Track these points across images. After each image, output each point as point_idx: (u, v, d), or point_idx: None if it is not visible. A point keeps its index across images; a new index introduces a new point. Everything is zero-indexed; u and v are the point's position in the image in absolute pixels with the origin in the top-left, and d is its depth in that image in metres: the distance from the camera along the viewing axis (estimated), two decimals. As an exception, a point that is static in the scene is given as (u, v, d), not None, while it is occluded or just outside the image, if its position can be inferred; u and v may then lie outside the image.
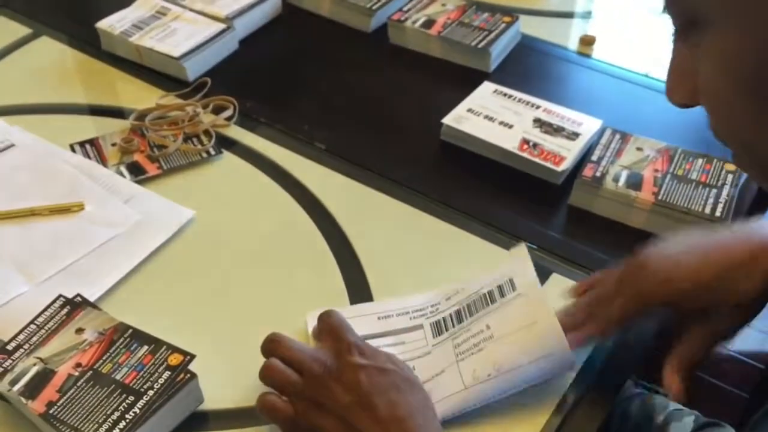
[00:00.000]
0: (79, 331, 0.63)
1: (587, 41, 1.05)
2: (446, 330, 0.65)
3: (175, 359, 0.60)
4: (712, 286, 0.57)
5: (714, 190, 0.77)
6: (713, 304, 0.58)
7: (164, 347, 0.61)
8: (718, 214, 0.75)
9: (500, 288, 0.64)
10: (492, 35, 0.99)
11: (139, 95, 0.95)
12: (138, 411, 0.57)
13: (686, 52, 0.45)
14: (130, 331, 0.63)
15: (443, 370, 0.62)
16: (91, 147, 0.87)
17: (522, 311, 0.62)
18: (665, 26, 0.48)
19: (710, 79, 0.43)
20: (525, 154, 0.83)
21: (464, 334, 0.63)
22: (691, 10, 0.42)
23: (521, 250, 0.66)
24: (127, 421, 0.56)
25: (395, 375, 0.57)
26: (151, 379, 0.59)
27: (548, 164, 0.82)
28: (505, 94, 0.91)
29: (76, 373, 0.59)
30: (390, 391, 0.56)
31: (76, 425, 0.56)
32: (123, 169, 0.84)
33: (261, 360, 0.66)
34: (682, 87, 0.47)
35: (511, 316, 0.62)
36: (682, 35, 0.45)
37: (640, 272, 0.60)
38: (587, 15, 1.11)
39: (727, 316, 0.59)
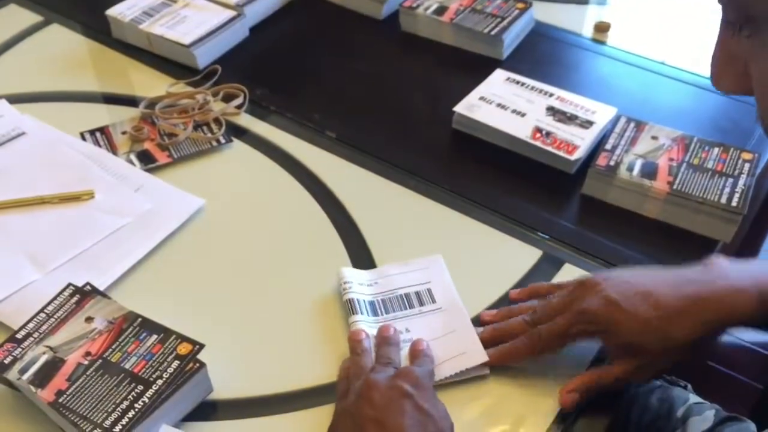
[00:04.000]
0: (89, 319, 0.63)
1: (602, 28, 1.03)
2: (360, 313, 0.66)
3: (184, 348, 0.60)
4: (648, 328, 0.58)
5: (731, 180, 0.76)
6: (645, 342, 0.58)
7: (173, 336, 0.61)
8: (734, 203, 0.73)
9: (418, 295, 0.68)
10: (505, 22, 0.98)
11: (149, 83, 0.94)
12: (147, 400, 0.57)
13: (734, 40, 0.45)
14: (140, 320, 0.63)
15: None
16: (101, 135, 0.86)
17: (442, 322, 0.66)
18: (680, 13, 0.48)
19: (765, 84, 0.43)
20: (538, 143, 0.82)
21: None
22: (751, 8, 0.42)
23: (437, 261, 0.71)
24: (137, 410, 0.56)
25: (431, 423, 0.54)
26: (160, 368, 0.59)
27: (561, 153, 0.81)
28: (517, 82, 0.90)
29: (86, 362, 0.59)
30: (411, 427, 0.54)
31: (85, 414, 0.56)
32: (133, 157, 0.84)
33: (270, 350, 0.66)
34: (730, 74, 0.47)
35: (431, 326, 0.66)
36: (733, 26, 0.45)
37: (591, 291, 0.60)
38: (602, 1, 1.10)
39: (653, 360, 0.60)
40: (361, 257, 0.73)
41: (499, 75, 0.91)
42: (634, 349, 0.59)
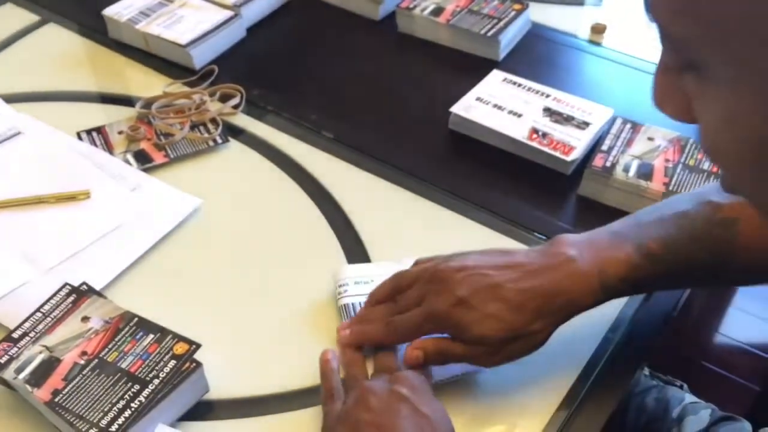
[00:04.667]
0: (85, 319, 0.63)
1: (598, 29, 1.03)
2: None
3: (180, 348, 0.60)
4: (494, 323, 0.58)
5: (726, 181, 0.76)
6: (491, 335, 0.58)
7: (170, 336, 0.61)
8: (729, 204, 0.74)
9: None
10: (501, 23, 0.98)
11: (146, 83, 0.94)
12: (143, 400, 0.57)
13: (678, 74, 0.38)
14: (136, 319, 0.63)
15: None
16: (97, 135, 0.86)
17: None
18: None
19: (710, 129, 0.38)
20: (534, 144, 0.82)
21: None
22: (692, 54, 0.36)
23: None
24: (133, 409, 0.56)
25: (429, 425, 0.54)
26: (156, 367, 0.59)
27: (558, 154, 0.81)
28: (514, 83, 0.90)
29: (82, 362, 0.59)
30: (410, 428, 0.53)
31: (81, 413, 0.56)
32: (130, 157, 0.84)
33: (267, 350, 0.66)
34: (674, 102, 0.40)
35: None
36: (677, 65, 0.38)
37: (441, 289, 0.59)
38: (598, 3, 1.10)
39: (502, 350, 0.59)
40: (358, 257, 0.73)
41: (495, 76, 0.92)
42: (482, 340, 0.59)
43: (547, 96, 0.88)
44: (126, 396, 0.57)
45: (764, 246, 0.58)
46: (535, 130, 0.83)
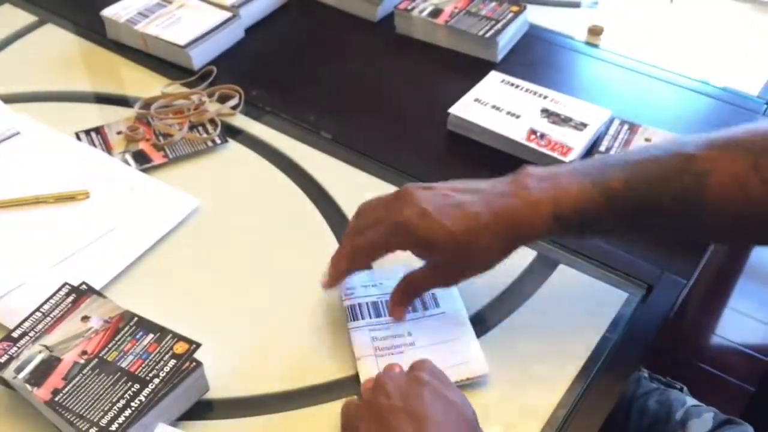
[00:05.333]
0: (85, 318, 0.63)
1: (595, 31, 1.04)
2: (362, 317, 0.66)
3: (180, 347, 0.60)
4: (460, 239, 0.60)
5: (723, 182, 0.76)
6: (452, 252, 0.60)
7: (170, 335, 0.61)
8: (726, 205, 0.74)
9: (422, 298, 0.68)
10: (499, 25, 0.98)
11: (145, 83, 0.94)
12: (143, 399, 0.57)
13: None
14: (136, 319, 0.63)
15: (360, 357, 0.64)
16: (96, 135, 0.86)
17: (444, 328, 0.66)
18: (672, 16, 0.46)
19: None
20: (532, 145, 0.82)
21: (383, 331, 0.66)
22: None
23: None
24: (133, 409, 0.56)
25: (450, 405, 0.54)
26: (156, 367, 0.59)
27: (556, 154, 0.81)
28: (512, 84, 0.91)
29: (82, 361, 0.59)
30: (440, 414, 0.53)
31: (81, 413, 0.56)
32: (128, 157, 0.84)
33: (266, 348, 0.66)
34: None
35: (434, 330, 0.66)
36: None
37: (404, 203, 0.61)
38: (595, 5, 1.11)
39: (458, 266, 0.63)
40: (357, 257, 0.74)
41: (493, 77, 0.92)
42: (445, 265, 0.62)
43: (545, 97, 0.88)
44: (126, 395, 0.57)
45: (734, 202, 0.57)
46: (533, 131, 0.84)
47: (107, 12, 1.01)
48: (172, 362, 0.59)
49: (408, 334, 0.65)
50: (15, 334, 0.62)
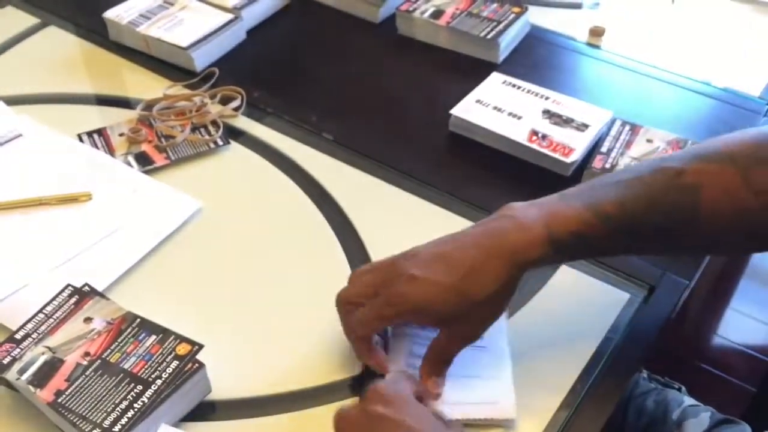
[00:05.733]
0: (88, 320, 0.63)
1: (596, 32, 1.04)
2: (405, 324, 0.64)
3: (183, 349, 0.60)
4: (455, 288, 0.57)
5: (724, 183, 0.77)
6: (448, 307, 0.58)
7: (172, 337, 0.61)
8: (728, 206, 0.74)
9: None
10: (501, 26, 0.98)
11: (147, 85, 0.95)
12: (146, 400, 0.57)
13: None
14: (138, 320, 0.63)
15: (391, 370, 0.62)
16: (98, 137, 0.87)
17: (483, 363, 0.63)
18: (674, 17, 0.46)
19: None
20: (534, 146, 0.82)
21: (423, 347, 0.62)
22: None
23: None
24: (135, 410, 0.56)
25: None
26: (159, 368, 0.59)
27: (557, 156, 0.81)
28: (513, 85, 0.91)
29: (85, 362, 0.60)
30: None
31: (84, 414, 0.56)
32: (131, 159, 0.84)
33: (269, 350, 0.66)
34: None
35: (470, 362, 0.63)
36: None
37: (392, 275, 0.59)
38: (596, 6, 1.11)
39: (470, 318, 0.59)
40: (359, 259, 0.74)
41: (495, 78, 0.92)
42: (448, 321, 0.59)
43: (547, 98, 0.88)
44: (129, 397, 0.57)
45: (726, 215, 0.56)
46: (534, 132, 0.84)
47: (109, 14, 1.01)
48: (175, 363, 0.59)
49: None
50: (18, 336, 0.62)
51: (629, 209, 0.57)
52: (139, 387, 0.58)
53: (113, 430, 0.55)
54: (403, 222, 0.78)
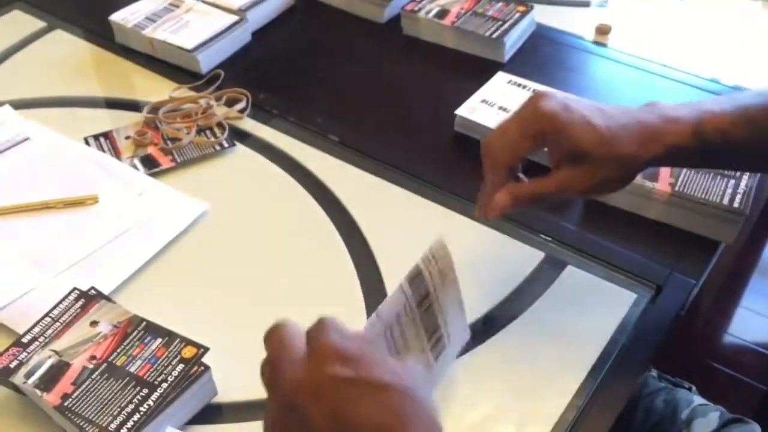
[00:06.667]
0: (94, 323, 0.63)
1: (603, 30, 1.03)
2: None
3: (188, 352, 0.60)
4: (615, 133, 0.57)
5: (732, 181, 0.76)
6: (592, 150, 0.57)
7: (178, 340, 0.61)
8: (736, 205, 0.73)
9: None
10: (506, 25, 0.98)
11: (153, 88, 0.95)
12: (152, 403, 0.57)
13: None
14: (144, 323, 0.63)
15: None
16: (105, 140, 0.87)
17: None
18: (681, 15, 0.46)
19: None
20: (540, 145, 0.82)
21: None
22: None
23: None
24: (141, 413, 0.56)
25: (395, 395, 0.39)
26: (164, 371, 0.59)
27: (563, 155, 0.81)
28: (519, 85, 0.90)
29: (91, 366, 0.60)
30: (383, 421, 0.38)
31: (90, 418, 0.56)
32: (137, 161, 0.84)
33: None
34: None
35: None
36: None
37: (542, 98, 0.58)
38: (603, 4, 1.10)
39: (605, 172, 0.58)
40: (364, 260, 0.74)
41: (500, 78, 0.92)
42: (579, 156, 0.57)
43: (553, 97, 0.88)
44: (135, 400, 0.57)
45: None
46: (540, 132, 0.83)
47: (115, 17, 1.01)
48: (180, 366, 0.59)
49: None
50: (25, 340, 0.62)
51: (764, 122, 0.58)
52: (145, 390, 0.58)
53: (119, 433, 0.55)
54: (409, 223, 0.78)
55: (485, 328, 0.67)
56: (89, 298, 0.66)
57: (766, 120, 0.58)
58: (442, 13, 1.01)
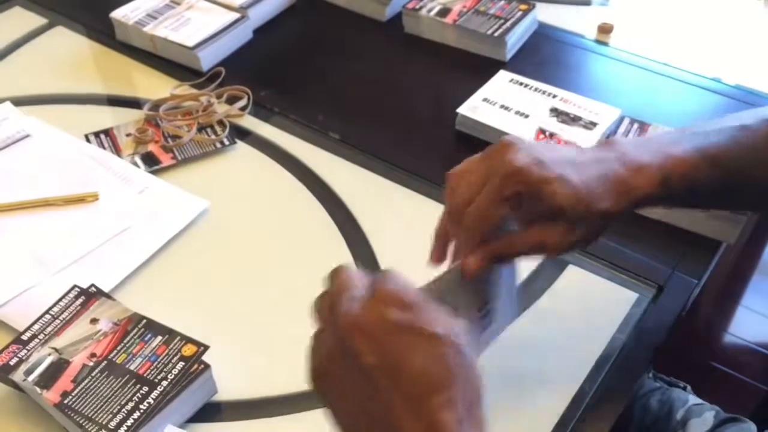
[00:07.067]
0: (94, 321, 0.63)
1: (605, 29, 1.03)
2: None
3: (189, 350, 0.60)
4: (590, 188, 0.52)
5: (734, 181, 0.76)
6: (569, 207, 0.52)
7: (178, 338, 0.61)
8: (738, 204, 0.73)
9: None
10: (508, 23, 0.98)
11: (154, 85, 0.95)
12: (152, 401, 0.57)
13: None
14: (145, 321, 0.63)
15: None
16: (105, 137, 0.87)
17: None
18: (683, 13, 0.45)
19: None
20: (541, 144, 0.82)
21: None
22: None
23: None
24: (141, 411, 0.56)
25: (448, 349, 0.40)
26: (165, 369, 0.59)
27: (565, 154, 0.80)
28: (521, 83, 0.90)
29: (91, 364, 0.60)
30: (433, 371, 0.40)
31: (90, 415, 0.56)
32: (137, 159, 0.84)
33: (275, 350, 0.66)
34: None
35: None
36: None
37: (511, 150, 0.52)
38: (605, 2, 1.10)
39: (582, 229, 0.54)
40: (365, 258, 0.73)
41: (502, 76, 0.91)
42: (555, 215, 0.53)
43: (554, 96, 0.88)
44: (135, 398, 0.57)
45: None
46: (542, 131, 0.83)
47: (116, 14, 1.01)
48: (181, 364, 0.59)
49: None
50: (24, 337, 0.62)
51: (732, 154, 0.56)
52: (145, 388, 0.58)
53: (119, 431, 0.55)
54: (410, 221, 0.78)
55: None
56: (89, 295, 0.65)
57: (726, 161, 0.56)
58: (444, 12, 1.00)
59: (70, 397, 0.57)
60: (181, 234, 0.76)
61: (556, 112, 0.86)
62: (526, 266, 0.72)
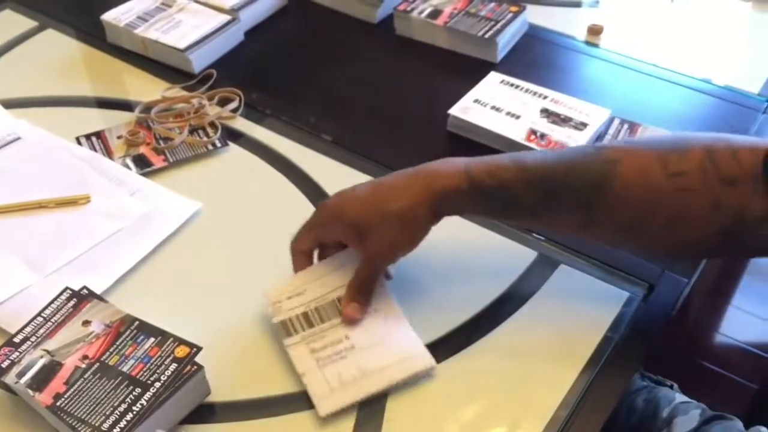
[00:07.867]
0: (86, 323, 0.63)
1: (595, 31, 1.04)
2: (295, 332, 0.64)
3: (181, 351, 0.60)
4: (382, 193, 0.64)
5: (723, 180, 0.76)
6: (369, 214, 0.63)
7: (171, 339, 0.61)
8: (727, 204, 0.74)
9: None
10: (499, 25, 0.98)
11: (145, 87, 0.95)
12: (145, 403, 0.57)
13: None
14: (137, 323, 0.63)
15: (303, 373, 0.62)
16: (97, 140, 0.86)
17: (380, 325, 0.65)
18: (672, 15, 0.46)
19: None
20: (532, 145, 0.82)
21: (321, 340, 0.64)
22: None
23: (355, 255, 0.68)
24: (134, 413, 0.56)
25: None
26: (157, 371, 0.59)
27: (556, 155, 0.81)
28: (512, 85, 0.91)
29: (83, 366, 0.59)
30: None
31: (83, 417, 0.56)
32: (129, 161, 0.84)
33: (268, 352, 0.66)
34: None
35: (370, 330, 0.64)
36: None
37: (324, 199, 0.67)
38: (594, 4, 1.11)
39: (383, 233, 0.63)
40: (358, 259, 0.74)
41: (493, 78, 0.92)
42: (360, 230, 0.63)
43: (545, 97, 0.88)
44: (127, 399, 0.57)
45: (638, 193, 0.59)
46: (533, 132, 0.84)
47: (107, 16, 1.01)
48: (173, 366, 0.59)
49: (346, 338, 0.64)
50: (17, 339, 0.62)
51: (548, 165, 0.61)
52: (138, 390, 0.58)
53: (112, 433, 0.55)
54: (402, 222, 0.78)
55: (478, 327, 0.67)
56: (81, 297, 0.65)
57: (539, 171, 0.61)
58: (435, 14, 1.01)
59: (63, 399, 0.57)
60: (174, 236, 0.76)
61: (546, 113, 0.86)
62: (517, 266, 0.73)
